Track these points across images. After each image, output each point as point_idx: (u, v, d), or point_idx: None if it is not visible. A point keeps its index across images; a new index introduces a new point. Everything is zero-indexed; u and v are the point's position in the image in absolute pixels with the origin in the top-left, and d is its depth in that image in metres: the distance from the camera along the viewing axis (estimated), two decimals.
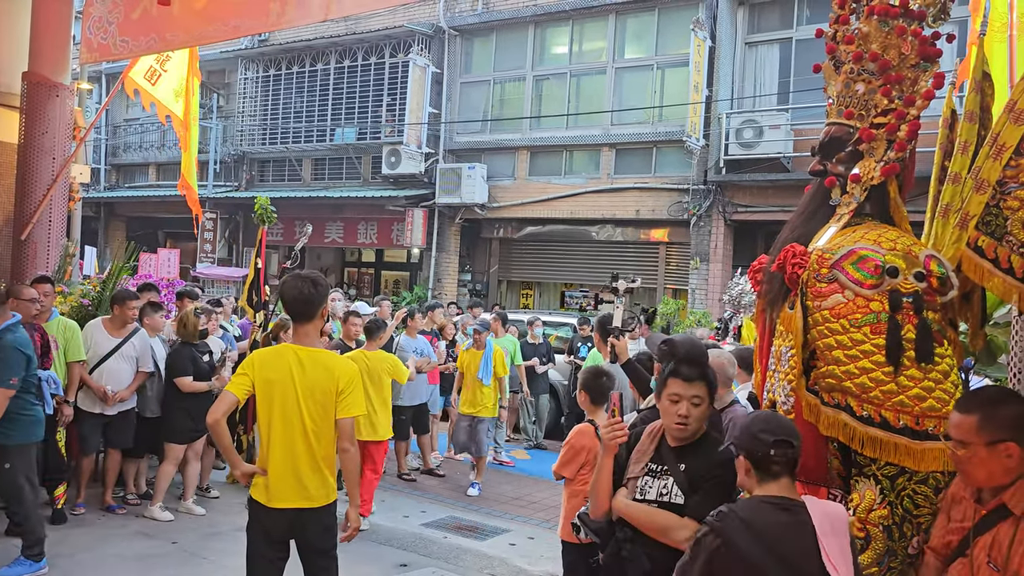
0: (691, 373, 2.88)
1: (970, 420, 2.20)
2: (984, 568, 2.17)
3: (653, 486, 2.88)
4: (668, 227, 14.44)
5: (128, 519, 6.43)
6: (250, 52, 18.54)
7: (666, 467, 2.89)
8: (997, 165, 2.67)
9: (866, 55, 2.93)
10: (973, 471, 2.23)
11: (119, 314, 6.54)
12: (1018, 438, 2.18)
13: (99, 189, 21.64)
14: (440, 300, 14.86)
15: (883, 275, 2.63)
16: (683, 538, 2.72)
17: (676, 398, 2.86)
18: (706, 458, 2.83)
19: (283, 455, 3.61)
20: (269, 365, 3.65)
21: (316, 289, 3.66)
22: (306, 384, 3.61)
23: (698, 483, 2.80)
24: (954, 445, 2.24)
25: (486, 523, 7.05)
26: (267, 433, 3.64)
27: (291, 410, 3.60)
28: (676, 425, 2.87)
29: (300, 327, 3.73)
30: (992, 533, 2.19)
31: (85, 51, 8.46)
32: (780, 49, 13.49)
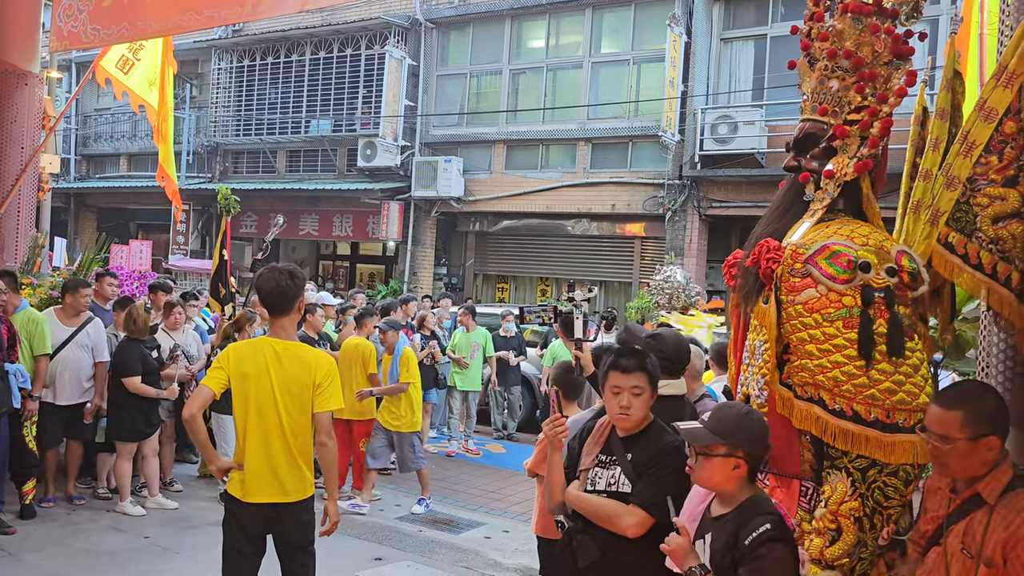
0: (630, 364, 2.93)
1: (953, 415, 2.23)
2: (958, 555, 2.21)
3: (602, 476, 2.95)
4: (643, 222, 14.51)
5: (99, 513, 6.36)
6: (224, 42, 18.34)
7: (614, 457, 2.96)
8: (967, 162, 2.71)
9: (840, 52, 2.96)
10: (952, 464, 2.26)
11: (71, 303, 6.44)
12: (997, 431, 2.23)
13: (69, 180, 21.32)
14: (416, 294, 14.84)
15: (855, 270, 2.66)
16: (628, 524, 2.80)
17: (617, 389, 2.92)
18: (652, 446, 2.89)
19: (259, 449, 3.57)
20: (245, 359, 3.61)
21: (293, 281, 3.61)
22: (282, 378, 3.57)
23: (643, 471, 2.86)
24: (934, 439, 2.26)
25: (461, 516, 7.06)
26: (243, 427, 3.61)
27: (267, 404, 3.57)
28: (619, 415, 2.93)
29: (276, 320, 3.69)
30: (966, 521, 2.23)
31: (55, 39, 8.33)
32: (755, 46, 13.59)
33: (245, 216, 18.81)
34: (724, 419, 2.55)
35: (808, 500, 2.72)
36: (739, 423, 2.52)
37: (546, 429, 3.05)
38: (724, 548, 2.45)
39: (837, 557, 2.55)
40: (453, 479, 8.45)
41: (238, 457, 3.63)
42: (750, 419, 2.56)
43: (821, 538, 2.59)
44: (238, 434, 3.65)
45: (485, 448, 9.96)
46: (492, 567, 5.84)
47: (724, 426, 2.51)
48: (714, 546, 2.51)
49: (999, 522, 2.15)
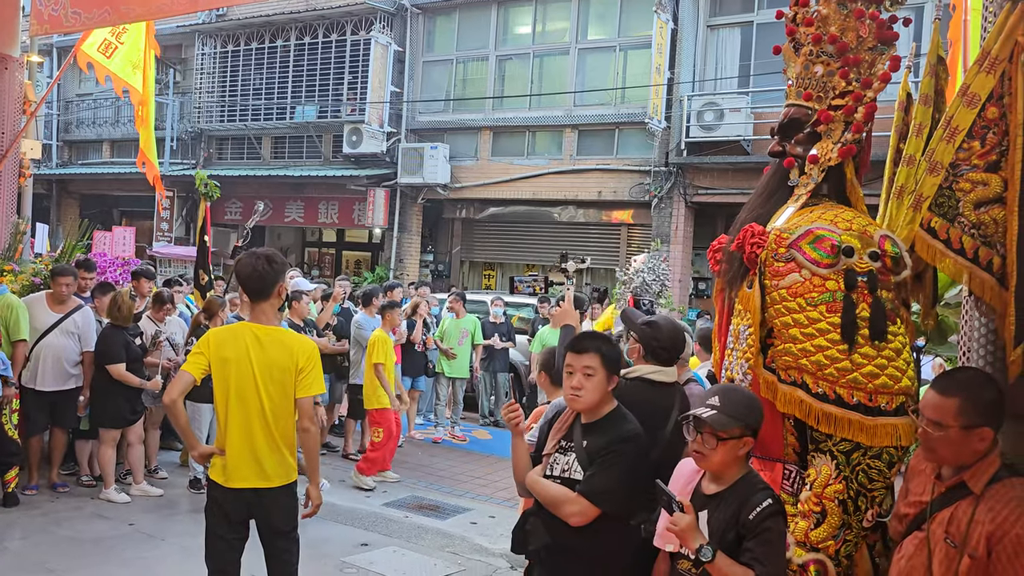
0: (582, 345, 2.94)
1: (950, 403, 2.22)
2: (941, 544, 2.20)
3: (559, 462, 2.96)
4: (630, 209, 14.52)
5: (83, 501, 6.33)
6: (208, 27, 18.16)
7: (572, 443, 2.96)
8: (950, 148, 2.72)
9: (825, 37, 2.97)
10: (942, 450, 2.25)
11: (55, 289, 6.40)
12: (992, 423, 2.22)
13: (51, 166, 21.11)
14: (402, 280, 14.81)
15: (839, 255, 2.67)
16: (571, 512, 2.80)
17: (570, 369, 2.93)
18: (608, 434, 2.88)
19: (240, 435, 3.56)
20: (225, 343, 3.59)
21: (271, 266, 3.58)
22: (264, 363, 3.56)
23: (594, 459, 2.86)
24: (927, 424, 2.25)
25: (447, 502, 7.08)
26: (224, 412, 3.60)
27: (248, 389, 3.55)
28: (570, 396, 2.93)
29: (256, 305, 3.66)
30: (950, 510, 2.22)
31: (35, 23, 8.21)
32: (741, 32, 13.58)
33: (230, 203, 18.70)
34: (737, 403, 2.56)
35: (791, 483, 2.75)
36: (750, 405, 2.57)
37: (503, 414, 3.07)
38: (727, 524, 2.48)
39: (822, 539, 2.58)
40: (439, 465, 8.46)
41: (219, 442, 3.62)
42: (755, 400, 2.62)
43: (806, 521, 2.61)
44: (219, 419, 3.63)
45: (471, 435, 9.98)
46: (478, 552, 5.86)
47: (739, 410, 2.53)
48: (713, 523, 2.53)
49: (985, 513, 2.14)
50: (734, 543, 2.44)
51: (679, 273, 13.79)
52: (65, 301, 6.43)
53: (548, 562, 2.95)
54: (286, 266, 3.74)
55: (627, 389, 3.22)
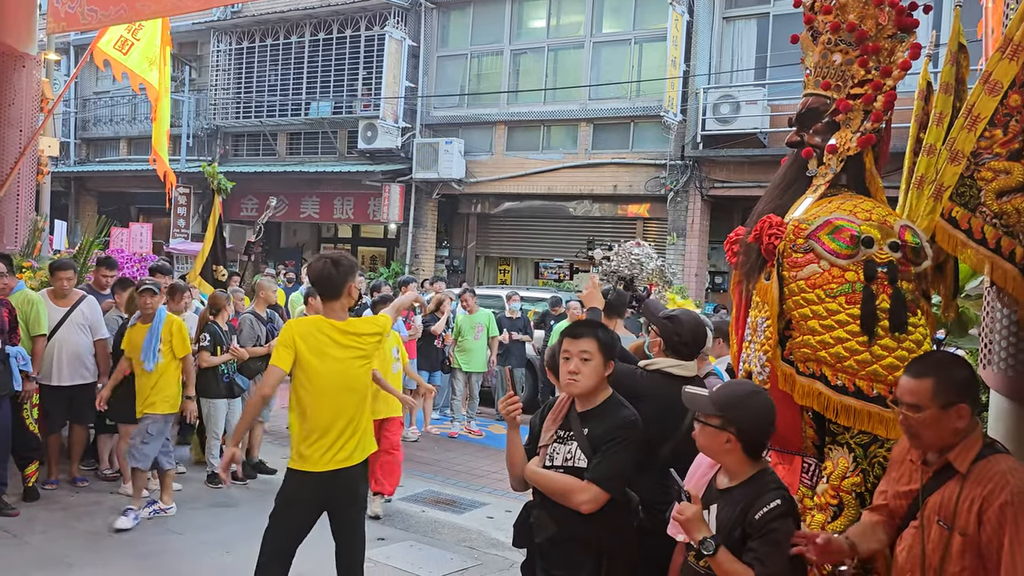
0: (580, 331, 3.00)
1: (925, 384, 2.24)
2: (935, 527, 2.22)
3: (560, 452, 2.97)
4: (645, 203, 14.46)
5: (102, 495, 6.38)
6: (223, 24, 18.23)
7: (571, 432, 2.97)
8: (972, 136, 2.68)
9: (843, 25, 2.92)
10: (924, 434, 2.27)
11: (55, 285, 6.43)
12: (968, 400, 2.24)
13: (69, 163, 21.29)
14: (416, 276, 14.82)
15: (858, 245, 2.64)
16: (582, 500, 2.82)
17: (567, 354, 2.96)
18: (608, 421, 2.91)
19: (340, 420, 3.79)
20: (307, 335, 3.80)
21: (336, 269, 3.85)
22: (344, 352, 3.82)
23: (598, 447, 2.87)
24: (906, 409, 2.27)
25: (464, 497, 7.08)
26: (312, 400, 3.77)
27: (341, 378, 3.80)
28: (567, 380, 2.95)
29: (327, 304, 3.91)
30: (940, 492, 2.24)
31: (52, 21, 8.26)
32: (757, 24, 13.48)
33: (245, 199, 18.79)
34: (725, 394, 2.57)
35: (810, 477, 2.72)
36: (737, 401, 2.52)
37: (500, 407, 3.07)
38: (734, 521, 2.46)
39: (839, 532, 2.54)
40: (455, 460, 8.47)
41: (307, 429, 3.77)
42: (752, 399, 2.54)
43: (823, 514, 2.58)
44: (305, 407, 3.79)
45: (487, 429, 9.98)
46: (495, 546, 5.85)
47: (721, 400, 2.54)
48: (721, 518, 2.52)
49: (971, 489, 2.17)
50: (739, 541, 2.43)
51: (696, 267, 13.74)
52: (67, 295, 6.45)
53: (554, 553, 2.95)
54: (355, 267, 4.01)
55: (646, 381, 3.22)
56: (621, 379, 3.17)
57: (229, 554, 5.39)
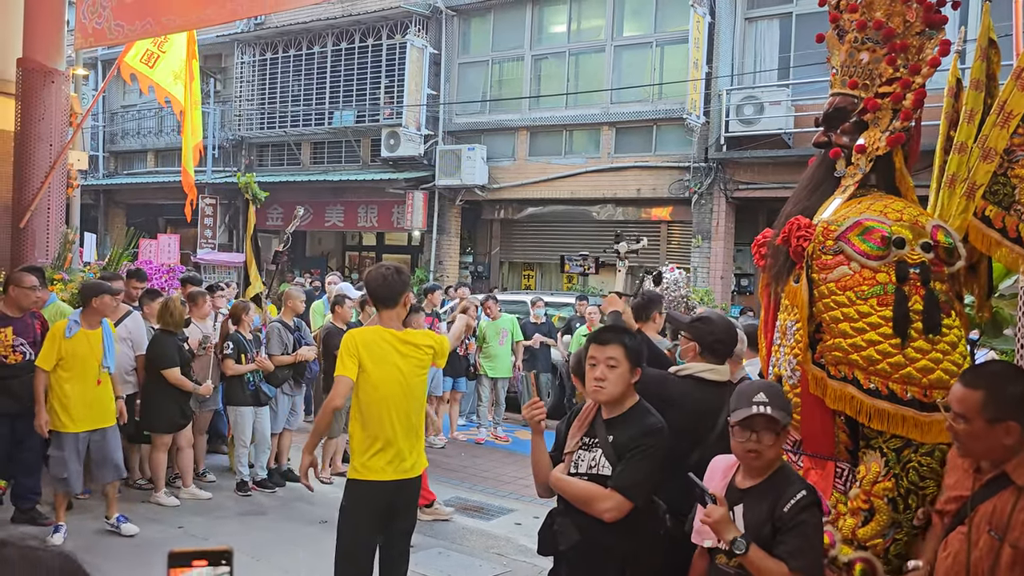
0: (607, 337, 2.95)
1: (975, 396, 2.18)
2: (985, 536, 2.16)
3: (584, 459, 2.94)
4: (669, 206, 14.38)
5: (134, 504, 6.43)
6: (246, 36, 18.42)
7: (596, 439, 2.94)
8: (1004, 133, 2.64)
9: (870, 23, 2.89)
10: (971, 445, 2.21)
11: None
12: (1020, 418, 2.15)
13: (98, 176, 21.58)
14: (442, 283, 14.84)
15: (889, 246, 2.60)
16: (605, 508, 2.80)
17: (593, 361, 2.92)
18: (633, 428, 2.87)
19: (403, 429, 3.80)
20: (371, 345, 3.81)
21: (398, 276, 3.90)
22: (404, 362, 3.83)
23: (623, 453, 2.84)
24: (953, 418, 2.22)
25: (491, 503, 7.06)
26: (376, 409, 3.77)
27: (401, 387, 3.80)
28: (593, 387, 2.91)
29: (384, 312, 3.92)
30: (993, 502, 2.17)
31: (80, 36, 8.40)
32: (780, 24, 13.37)
33: (271, 208, 18.92)
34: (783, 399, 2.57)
35: (843, 482, 2.67)
36: (787, 400, 2.59)
37: (524, 413, 3.05)
38: (764, 518, 2.47)
39: (870, 537, 2.51)
40: (482, 466, 8.46)
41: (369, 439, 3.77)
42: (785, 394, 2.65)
43: (855, 518, 2.54)
44: (370, 418, 3.77)
45: (514, 435, 9.96)
46: (523, 553, 5.83)
47: (786, 404, 2.55)
48: (749, 516, 2.51)
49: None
50: (769, 536, 2.44)
51: (721, 270, 13.64)
52: (116, 309, 6.52)
53: (579, 561, 2.93)
54: (410, 278, 4.05)
55: (677, 386, 3.19)
56: (650, 384, 3.14)
57: (259, 561, 5.42)
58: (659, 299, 5.28)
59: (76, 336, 5.58)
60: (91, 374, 5.65)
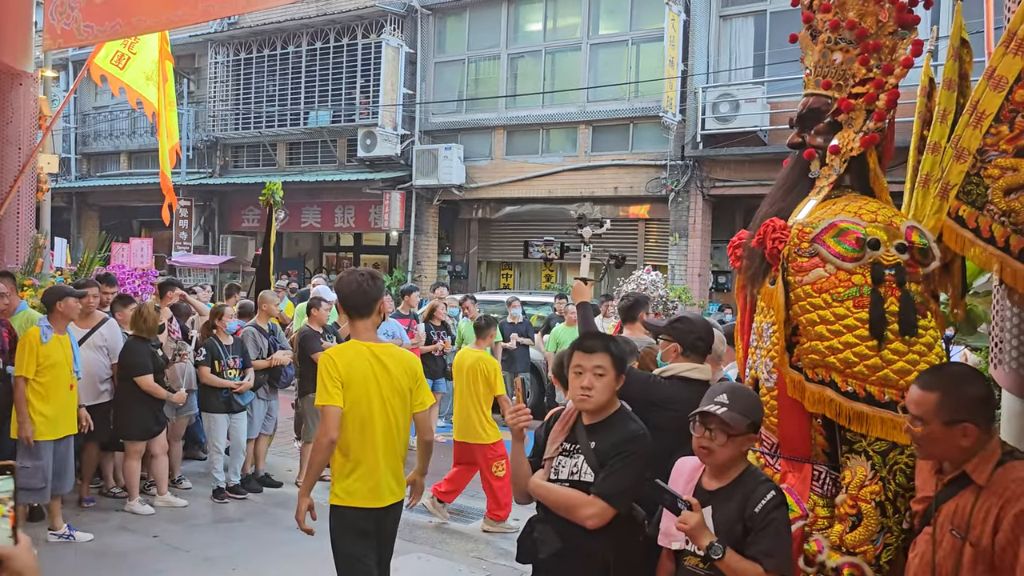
0: (593, 345, 2.92)
1: (931, 397, 2.18)
2: (948, 536, 2.17)
3: (566, 465, 2.91)
4: (647, 203, 14.41)
5: (108, 513, 6.35)
6: (220, 36, 18.24)
7: (578, 445, 2.92)
8: (977, 133, 2.63)
9: (843, 23, 2.88)
10: (929, 447, 2.22)
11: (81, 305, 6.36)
12: (976, 419, 2.16)
13: (70, 179, 21.30)
14: (420, 283, 14.80)
15: (864, 248, 2.59)
16: (588, 515, 2.77)
17: (579, 369, 2.89)
18: (615, 435, 2.86)
19: (385, 452, 3.60)
20: (351, 364, 3.56)
21: (373, 283, 3.67)
22: (387, 380, 3.60)
23: (605, 461, 2.82)
24: (911, 420, 2.22)
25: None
26: (361, 433, 3.55)
27: (378, 407, 3.58)
28: (580, 396, 2.88)
29: (360, 322, 3.68)
30: (955, 501, 2.18)
31: (48, 37, 8.24)
32: (755, 22, 13.44)
33: (246, 210, 18.78)
34: (747, 404, 2.57)
35: (821, 485, 2.66)
36: (756, 404, 2.60)
37: (508, 418, 3.00)
38: (734, 518, 2.49)
39: (859, 543, 2.49)
40: None
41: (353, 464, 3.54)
42: (758, 399, 2.68)
43: (842, 524, 2.53)
44: (352, 441, 3.54)
45: None
46: (503, 556, 5.80)
47: (747, 407, 2.55)
48: (719, 518, 2.52)
49: (988, 498, 2.10)
50: (740, 536, 2.47)
51: (698, 267, 13.68)
52: (91, 315, 6.43)
53: (559, 569, 2.90)
54: (384, 283, 3.82)
55: (664, 389, 3.19)
56: (635, 386, 3.15)
57: (236, 570, 5.35)
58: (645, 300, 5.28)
59: (51, 341, 5.53)
60: (66, 380, 5.61)
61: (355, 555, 3.59)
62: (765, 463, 2.82)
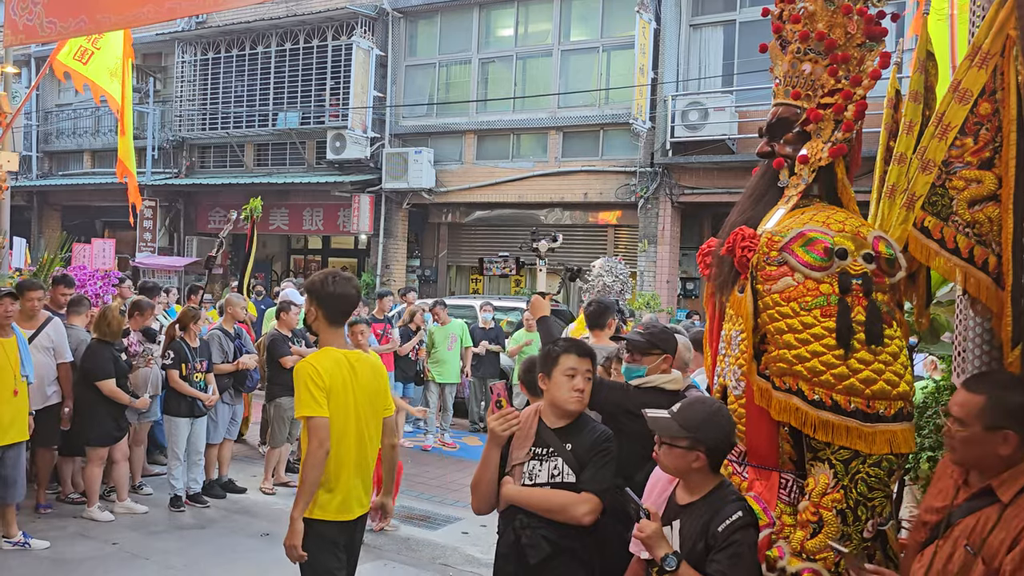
0: (583, 349, 3.01)
1: (976, 400, 2.17)
2: (960, 551, 2.14)
3: (542, 469, 2.94)
4: (616, 210, 14.48)
5: (66, 520, 6.21)
6: (187, 34, 18.01)
7: (552, 449, 2.95)
8: (943, 145, 2.66)
9: (812, 34, 2.90)
10: (964, 451, 2.20)
11: (24, 306, 6.19)
12: (1018, 428, 2.14)
13: (31, 177, 20.89)
14: (388, 287, 14.71)
15: (832, 257, 2.60)
16: (583, 512, 2.84)
17: (572, 372, 2.95)
18: (589, 435, 2.95)
19: (355, 464, 3.48)
20: (333, 374, 3.42)
21: (358, 291, 3.59)
22: (361, 389, 3.50)
23: (586, 459, 2.91)
24: (952, 422, 2.21)
25: (438, 512, 6.99)
26: (338, 445, 3.40)
27: (356, 418, 3.47)
28: (574, 398, 2.95)
29: (334, 330, 3.54)
30: (975, 517, 2.15)
31: (9, 33, 8.06)
32: (724, 31, 13.57)
33: (213, 211, 18.56)
34: (693, 414, 2.57)
35: (788, 493, 2.67)
36: (707, 420, 2.56)
37: (496, 423, 2.97)
38: (697, 535, 2.49)
39: (819, 549, 2.50)
40: (429, 474, 8.37)
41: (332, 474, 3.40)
42: (719, 416, 2.60)
43: (803, 530, 2.53)
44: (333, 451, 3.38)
45: (462, 441, 9.90)
46: (470, 563, 5.77)
47: (692, 421, 2.55)
48: (685, 532, 2.53)
49: (1010, 520, 2.07)
50: (702, 553, 2.46)
51: (667, 274, 13.77)
52: (35, 316, 6.23)
53: (548, 573, 2.88)
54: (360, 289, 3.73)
55: (640, 398, 3.21)
56: (612, 395, 3.25)
57: None
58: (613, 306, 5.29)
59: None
60: (8, 385, 5.41)
61: (327, 569, 3.46)
62: (732, 471, 2.82)
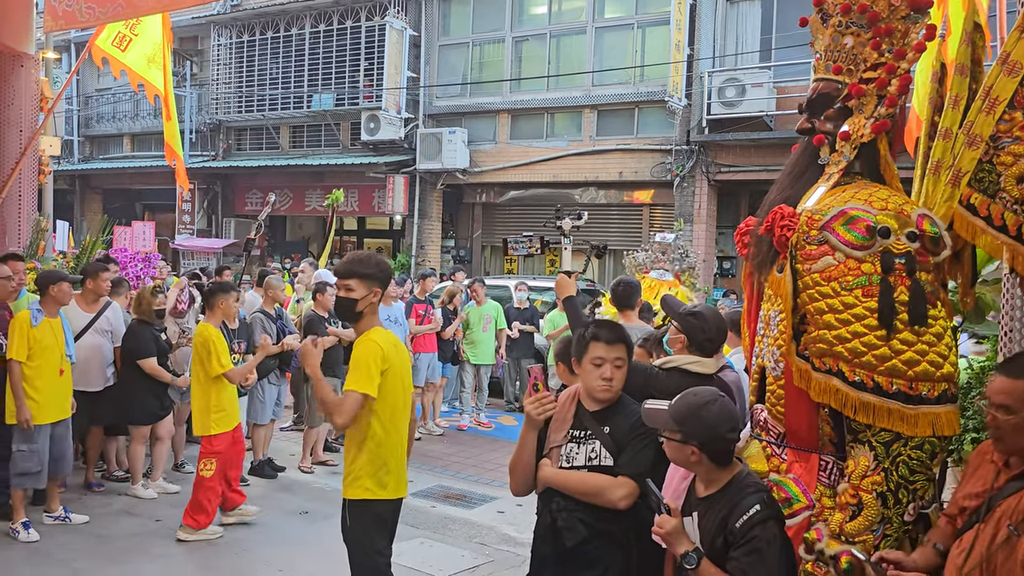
0: (612, 336, 2.95)
1: (1021, 385, 2.13)
2: (1003, 531, 2.11)
3: (580, 452, 2.93)
4: (651, 189, 14.35)
5: (111, 497, 6.36)
6: (223, 17, 18.13)
7: (589, 432, 2.94)
8: (990, 119, 2.59)
9: (855, 7, 2.82)
10: (1011, 438, 2.16)
11: (92, 288, 6.37)
12: None
13: (73, 161, 21.26)
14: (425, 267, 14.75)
15: (874, 236, 2.54)
16: (620, 496, 2.81)
17: (600, 361, 2.92)
18: (628, 418, 2.92)
19: (402, 441, 3.59)
20: (390, 355, 3.49)
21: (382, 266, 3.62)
22: (403, 367, 3.61)
23: (624, 443, 2.88)
24: (996, 409, 2.17)
25: (474, 491, 7.03)
26: (392, 423, 3.50)
27: (404, 397, 3.59)
28: (602, 387, 2.92)
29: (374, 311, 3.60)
30: (1018, 497, 2.12)
31: (49, 19, 8.18)
32: (762, 5, 13.32)
33: (250, 193, 18.75)
34: (682, 408, 2.55)
35: (828, 475, 2.63)
36: (692, 413, 2.52)
37: (532, 407, 2.96)
38: (716, 530, 2.47)
39: (858, 532, 2.46)
40: (465, 453, 8.42)
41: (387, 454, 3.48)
42: (706, 410, 2.53)
43: (842, 513, 2.50)
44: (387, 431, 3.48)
45: (497, 421, 9.94)
46: (506, 542, 5.80)
47: (680, 414, 2.53)
48: (704, 526, 2.50)
49: None
50: (722, 550, 2.43)
51: (703, 253, 13.63)
52: (99, 299, 6.43)
53: (585, 556, 2.88)
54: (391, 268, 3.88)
55: (663, 381, 3.15)
56: (635, 377, 3.13)
57: (239, 556, 5.35)
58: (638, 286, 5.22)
59: (41, 325, 5.50)
60: (56, 364, 5.57)
61: (378, 549, 3.54)
62: (771, 452, 2.78)
